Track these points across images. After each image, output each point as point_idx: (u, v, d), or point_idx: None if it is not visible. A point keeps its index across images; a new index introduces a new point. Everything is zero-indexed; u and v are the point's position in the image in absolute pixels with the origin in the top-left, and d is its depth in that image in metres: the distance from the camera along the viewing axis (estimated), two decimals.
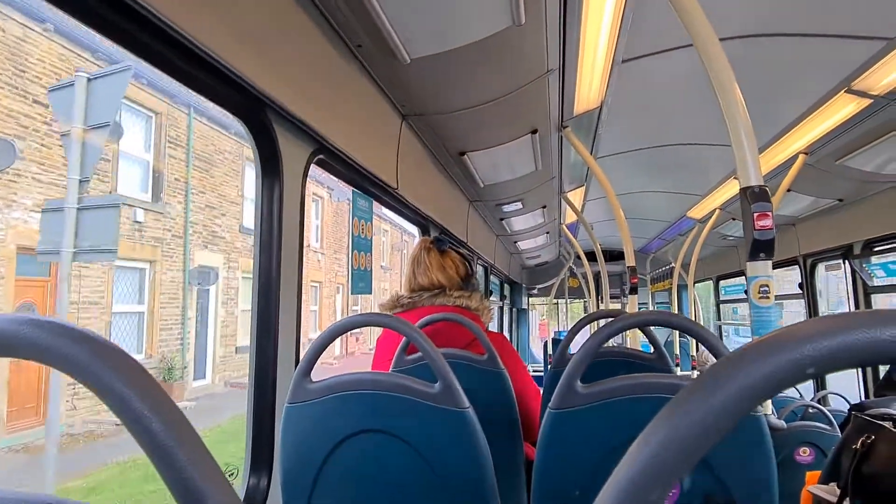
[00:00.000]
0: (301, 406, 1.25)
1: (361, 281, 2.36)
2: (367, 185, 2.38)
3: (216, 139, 13.98)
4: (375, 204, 2.53)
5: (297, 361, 1.69)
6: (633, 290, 3.22)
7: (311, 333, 17.45)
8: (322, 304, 20.11)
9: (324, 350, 1.27)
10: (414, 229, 3.49)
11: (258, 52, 1.42)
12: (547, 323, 13.77)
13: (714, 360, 1.28)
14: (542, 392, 2.19)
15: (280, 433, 1.27)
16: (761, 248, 1.27)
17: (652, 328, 2.28)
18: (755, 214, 1.24)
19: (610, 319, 1.33)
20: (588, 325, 2.69)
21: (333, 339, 1.28)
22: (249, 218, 14.56)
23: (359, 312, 1.84)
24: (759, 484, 1.10)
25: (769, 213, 1.24)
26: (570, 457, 1.18)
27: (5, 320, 0.38)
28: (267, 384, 1.60)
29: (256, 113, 1.53)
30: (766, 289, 1.28)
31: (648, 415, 0.33)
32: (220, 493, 0.36)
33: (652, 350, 2.12)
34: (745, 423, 1.08)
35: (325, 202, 20.53)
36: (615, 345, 4.49)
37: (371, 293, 2.47)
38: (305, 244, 16.73)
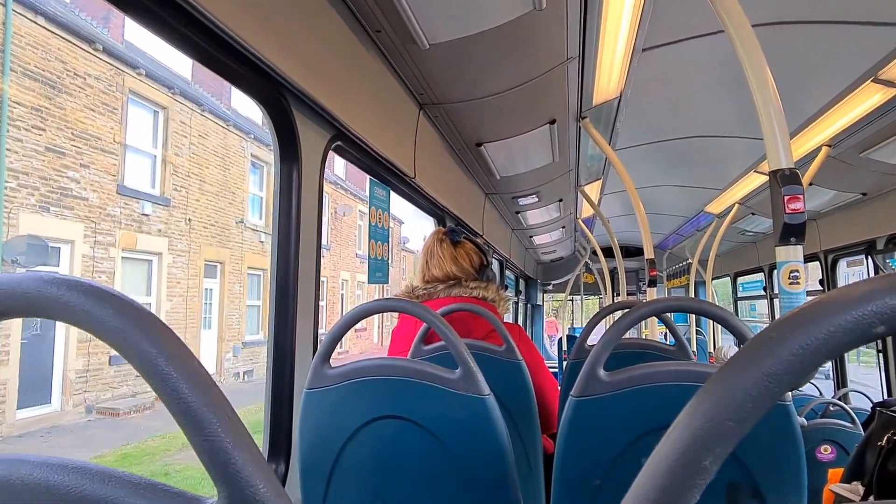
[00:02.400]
0: (320, 392, 1.24)
1: (378, 271, 2.36)
2: (384, 173, 2.37)
3: (70, 55, 9.49)
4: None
5: (315, 348, 1.69)
6: (652, 283, 3.20)
7: (247, 336, 14.97)
8: (267, 299, 14.68)
9: (343, 335, 1.26)
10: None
11: (278, 36, 1.41)
12: (555, 322, 13.53)
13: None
14: (559, 385, 2.18)
15: (299, 419, 1.27)
16: (792, 232, 1.24)
17: (672, 321, 2.26)
18: (786, 198, 1.22)
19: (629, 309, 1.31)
20: (604, 320, 2.68)
21: (353, 325, 1.27)
22: (138, 176, 11.42)
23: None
24: (787, 474, 1.07)
25: (800, 196, 1.22)
26: (591, 445, 1.16)
27: (30, 279, 0.37)
28: (285, 371, 1.60)
29: (276, 98, 1.53)
30: (797, 274, 1.25)
31: (673, 403, 0.32)
32: (248, 457, 0.35)
33: (668, 341, 2.09)
34: (773, 411, 1.05)
35: (271, 169, 15.46)
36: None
37: (388, 282, 2.46)
38: (241, 218, 13.69)
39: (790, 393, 1.10)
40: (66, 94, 9.47)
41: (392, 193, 2.57)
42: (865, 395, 4.14)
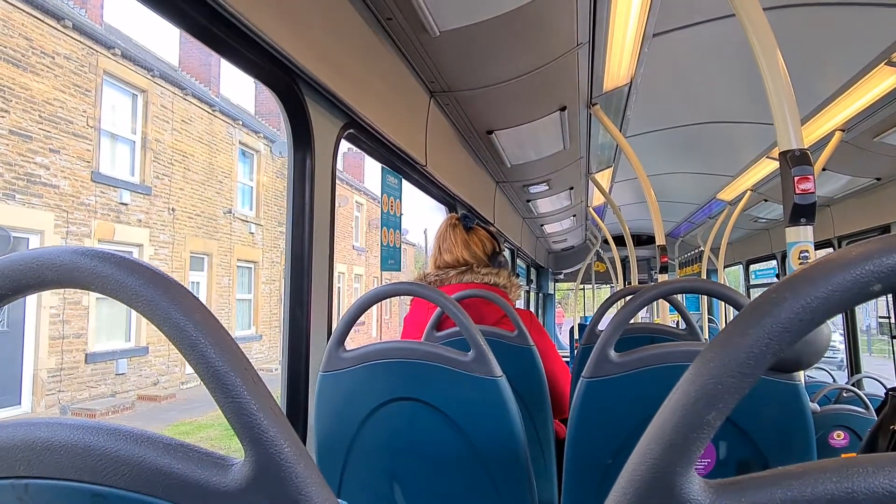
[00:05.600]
0: (335, 374, 1.26)
1: (391, 258, 2.38)
2: (395, 161, 2.38)
3: (35, 32, 8.79)
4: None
5: (329, 331, 1.71)
6: (664, 270, 3.21)
7: (237, 331, 14.30)
8: (259, 293, 15.33)
9: (358, 318, 1.28)
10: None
11: (291, 23, 1.42)
12: (560, 311, 13.49)
13: None
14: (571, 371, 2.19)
15: (314, 401, 1.29)
16: (802, 212, 1.25)
17: (681, 304, 2.26)
18: (796, 178, 1.22)
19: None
20: (616, 305, 2.69)
21: (367, 309, 1.28)
22: (115, 163, 10.74)
23: None
24: (797, 453, 1.08)
25: (810, 177, 1.22)
26: (603, 425, 1.18)
27: (65, 252, 0.39)
28: (301, 354, 1.62)
29: (289, 85, 1.54)
30: (807, 254, 1.26)
31: None
32: (273, 420, 0.37)
33: (679, 325, 2.10)
34: (783, 391, 1.06)
35: (261, 157, 15.50)
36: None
37: (400, 270, 2.48)
38: (230, 208, 13.10)
39: (802, 374, 1.11)
40: (33, 73, 8.74)
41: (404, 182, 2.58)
42: (879, 381, 4.12)
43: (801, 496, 0.28)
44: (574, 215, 6.52)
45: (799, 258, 1.27)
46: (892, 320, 4.39)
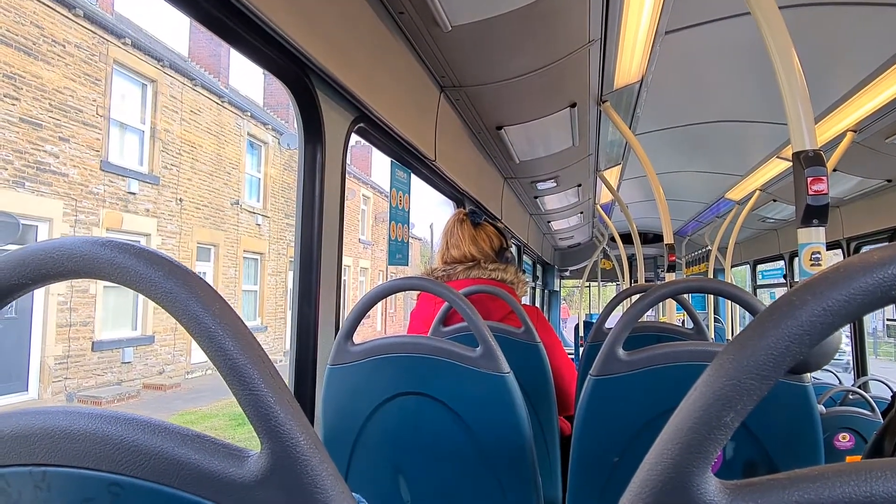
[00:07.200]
0: (343, 368, 1.26)
1: (399, 252, 2.38)
2: (405, 156, 2.38)
3: (47, 20, 8.73)
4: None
5: (337, 325, 1.71)
6: (672, 269, 3.20)
7: (250, 321, 14.22)
8: (264, 284, 15.33)
9: (366, 313, 1.28)
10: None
11: (304, 17, 1.42)
12: (565, 307, 13.55)
13: None
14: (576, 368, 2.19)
15: (322, 394, 1.29)
16: (815, 214, 1.24)
17: (689, 303, 2.26)
18: (809, 179, 1.21)
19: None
20: (622, 303, 2.69)
21: (376, 303, 1.29)
22: (124, 152, 10.69)
23: None
24: (804, 455, 1.08)
25: (824, 178, 1.21)
26: (609, 423, 1.18)
27: (85, 242, 0.39)
28: (308, 346, 1.63)
29: (301, 78, 1.54)
30: (818, 256, 1.26)
31: (692, 383, 0.32)
32: (289, 413, 0.37)
33: (684, 324, 2.09)
34: (792, 392, 1.06)
35: (269, 149, 15.45)
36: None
37: (408, 264, 2.48)
38: (237, 199, 13.04)
39: (809, 376, 1.11)
40: (44, 61, 8.70)
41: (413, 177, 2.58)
42: (885, 384, 4.11)
43: (818, 499, 0.28)
44: (581, 212, 6.51)
45: (811, 259, 1.26)
46: None
